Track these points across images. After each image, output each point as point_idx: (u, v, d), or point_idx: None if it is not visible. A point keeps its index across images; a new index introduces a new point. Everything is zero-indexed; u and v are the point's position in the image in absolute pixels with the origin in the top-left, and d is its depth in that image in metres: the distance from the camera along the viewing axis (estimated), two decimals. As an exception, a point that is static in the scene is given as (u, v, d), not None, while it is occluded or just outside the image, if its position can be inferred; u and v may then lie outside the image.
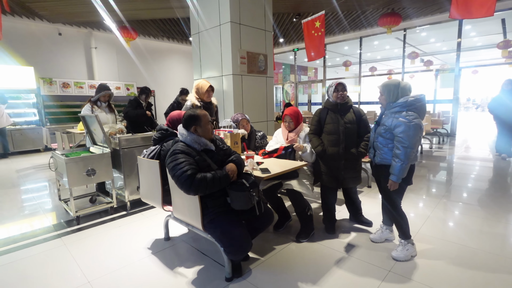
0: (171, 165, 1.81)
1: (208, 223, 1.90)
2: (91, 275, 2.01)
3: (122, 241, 2.51)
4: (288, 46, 11.34)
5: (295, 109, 2.73)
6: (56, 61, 8.17)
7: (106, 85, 3.58)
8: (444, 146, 7.07)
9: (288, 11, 7.28)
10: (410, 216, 2.74)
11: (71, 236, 2.62)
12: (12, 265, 2.17)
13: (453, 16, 4.04)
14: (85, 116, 3.28)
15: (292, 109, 2.71)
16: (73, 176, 2.78)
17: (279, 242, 2.40)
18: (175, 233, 2.63)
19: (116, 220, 2.98)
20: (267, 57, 4.79)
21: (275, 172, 2.10)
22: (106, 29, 8.50)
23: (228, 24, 4.12)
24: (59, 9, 6.58)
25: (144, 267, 2.10)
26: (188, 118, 1.95)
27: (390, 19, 6.58)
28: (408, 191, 3.53)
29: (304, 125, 2.76)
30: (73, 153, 3.11)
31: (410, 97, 2.00)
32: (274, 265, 2.09)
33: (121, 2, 5.90)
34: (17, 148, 7.07)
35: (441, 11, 7.40)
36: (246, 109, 4.47)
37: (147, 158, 2.30)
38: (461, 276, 1.90)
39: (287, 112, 2.67)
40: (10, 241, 2.55)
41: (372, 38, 9.79)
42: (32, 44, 7.72)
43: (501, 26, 8.40)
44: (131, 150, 3.17)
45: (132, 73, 9.76)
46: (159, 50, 10.38)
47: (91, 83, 8.40)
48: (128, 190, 3.18)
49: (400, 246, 2.14)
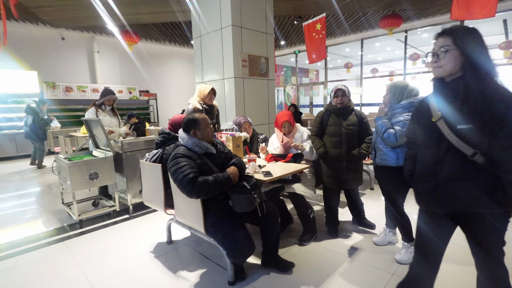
0: (173, 169, 1.82)
1: (210, 227, 1.90)
2: (94, 279, 2.01)
3: (125, 245, 2.51)
4: (290, 48, 11.37)
5: (288, 112, 2.74)
6: (59, 65, 8.24)
7: (111, 89, 3.62)
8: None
9: (289, 14, 7.31)
10: (413, 218, 2.72)
11: (74, 240, 2.63)
12: (15, 269, 2.18)
13: (454, 18, 4.03)
14: (88, 120, 3.30)
15: (286, 114, 2.71)
16: (76, 180, 2.79)
17: (281, 245, 2.39)
18: (177, 237, 2.63)
19: (119, 223, 2.99)
20: (269, 59, 4.80)
21: (277, 175, 2.10)
22: (108, 33, 8.57)
23: (230, 27, 4.14)
24: (62, 14, 6.65)
25: (146, 271, 2.10)
26: (187, 122, 1.97)
27: (391, 20, 6.58)
28: (411, 192, 3.50)
29: (297, 125, 2.77)
30: (76, 156, 3.12)
31: (413, 99, 2.00)
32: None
33: (123, 6, 5.95)
34: (20, 151, 7.11)
35: (442, 13, 7.39)
36: (248, 112, 4.48)
37: (150, 161, 2.31)
38: (465, 279, 1.88)
39: (285, 118, 2.66)
40: (13, 245, 2.56)
41: (373, 39, 9.78)
42: (36, 48, 7.80)
43: (502, 27, 8.37)
44: (134, 153, 3.18)
45: (134, 76, 9.82)
46: (161, 54, 10.44)
47: (94, 87, 8.45)
48: (131, 193, 3.19)
49: (404, 249, 2.13)
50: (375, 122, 2.13)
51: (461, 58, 1.11)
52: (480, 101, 1.06)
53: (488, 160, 1.08)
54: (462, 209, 1.17)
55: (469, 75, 1.10)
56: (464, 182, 1.13)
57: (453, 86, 1.15)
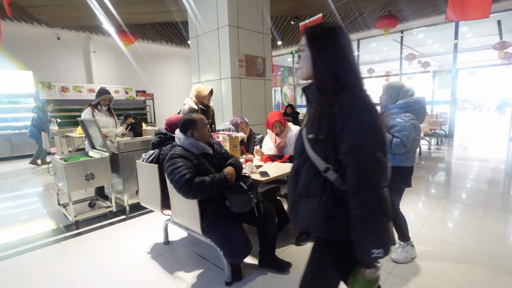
0: (169, 170, 1.81)
1: (207, 227, 1.90)
2: (90, 280, 2.00)
3: (121, 246, 2.50)
4: (286, 48, 11.39)
5: (279, 112, 2.74)
6: (54, 65, 8.17)
7: (106, 89, 3.60)
8: (443, 147, 7.08)
9: (286, 14, 7.32)
10: (409, 217, 2.75)
11: (70, 241, 2.61)
12: (11, 270, 2.16)
13: (449, 18, 4.07)
14: (84, 120, 3.28)
15: (277, 114, 2.71)
16: (72, 181, 2.77)
17: (278, 245, 2.40)
18: (174, 237, 2.62)
19: (115, 224, 2.97)
20: (265, 60, 4.81)
21: (273, 175, 2.10)
22: (104, 33, 8.51)
23: (226, 27, 4.14)
24: (57, 13, 6.60)
25: (143, 272, 2.10)
26: (184, 123, 1.96)
27: (387, 21, 6.62)
28: (407, 192, 3.53)
29: (289, 124, 2.77)
30: (72, 157, 3.10)
31: (409, 99, 2.01)
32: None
33: (119, 6, 5.92)
34: (16, 152, 7.05)
35: (438, 13, 7.45)
36: (244, 112, 4.48)
37: (146, 162, 2.30)
38: (461, 278, 1.90)
39: (276, 118, 2.67)
40: (9, 247, 2.54)
41: (369, 40, 9.83)
42: (31, 48, 7.73)
43: (497, 27, 8.46)
44: (130, 154, 3.17)
45: (131, 76, 9.77)
46: (158, 54, 10.40)
47: (90, 87, 8.40)
48: (127, 194, 3.18)
49: (400, 248, 2.14)
50: None
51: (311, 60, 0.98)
52: (323, 110, 0.93)
53: (341, 178, 0.92)
54: (303, 228, 1.02)
55: (315, 80, 0.98)
56: (308, 199, 0.98)
57: (307, 91, 1.03)
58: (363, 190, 0.87)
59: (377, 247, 0.86)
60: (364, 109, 0.90)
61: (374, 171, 0.87)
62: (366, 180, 0.87)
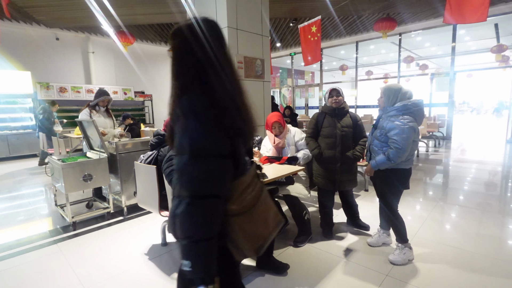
0: (167, 171, 1.81)
1: (205, 228, 1.89)
2: (87, 282, 1.99)
3: (119, 247, 2.49)
4: (285, 50, 11.42)
5: (278, 113, 2.76)
6: (53, 65, 8.15)
7: (105, 90, 3.59)
8: (440, 149, 7.11)
9: (285, 16, 7.35)
10: (407, 219, 2.75)
11: (67, 242, 2.60)
12: (8, 272, 2.14)
13: (447, 21, 4.10)
14: (82, 121, 3.27)
15: (276, 115, 2.73)
16: (69, 182, 2.76)
17: (276, 246, 2.40)
18: (172, 239, 2.61)
19: (113, 225, 2.96)
20: (264, 61, 4.82)
21: (272, 177, 2.10)
22: (103, 34, 8.51)
23: (225, 29, 4.15)
24: (56, 14, 6.59)
25: (141, 273, 2.09)
26: None
27: (385, 24, 6.65)
28: (405, 194, 3.54)
29: (288, 126, 2.78)
30: (70, 158, 3.09)
31: (407, 102, 2.02)
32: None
33: (119, 7, 5.92)
34: (13, 152, 7.01)
35: (436, 16, 7.50)
36: (243, 113, 4.48)
37: (144, 163, 2.30)
38: (458, 280, 1.91)
39: (275, 119, 2.68)
40: (5, 248, 2.52)
41: (368, 42, 9.88)
42: (29, 49, 7.71)
43: (494, 30, 8.53)
44: (128, 155, 3.16)
45: (130, 77, 9.76)
46: (157, 55, 10.39)
47: (89, 87, 8.38)
48: (125, 195, 3.17)
49: (398, 250, 2.15)
50: (378, 161, 2.08)
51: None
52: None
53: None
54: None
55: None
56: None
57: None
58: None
59: (185, 259, 0.77)
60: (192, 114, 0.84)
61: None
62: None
